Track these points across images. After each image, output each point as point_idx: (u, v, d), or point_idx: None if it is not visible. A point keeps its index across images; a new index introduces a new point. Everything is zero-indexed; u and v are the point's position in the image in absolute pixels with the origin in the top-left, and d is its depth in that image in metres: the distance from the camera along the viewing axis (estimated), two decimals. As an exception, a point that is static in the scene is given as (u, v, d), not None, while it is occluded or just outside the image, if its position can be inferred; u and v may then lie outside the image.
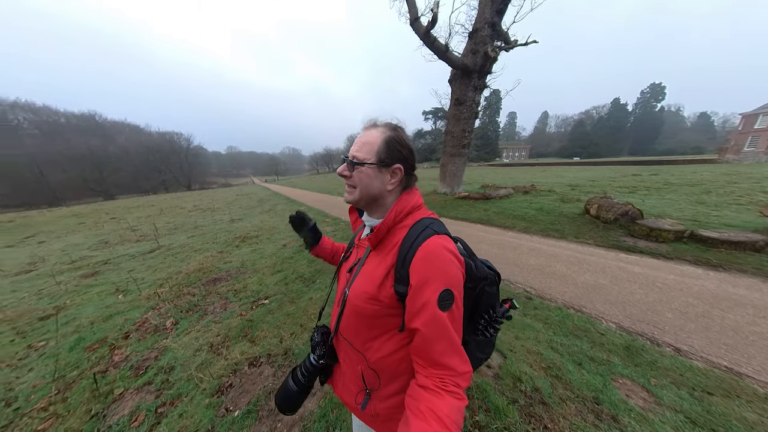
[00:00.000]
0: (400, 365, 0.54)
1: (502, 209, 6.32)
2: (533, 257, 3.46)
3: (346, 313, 0.57)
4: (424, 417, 0.42)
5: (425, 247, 0.48)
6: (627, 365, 1.52)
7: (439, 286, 0.46)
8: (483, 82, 7.70)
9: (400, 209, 0.55)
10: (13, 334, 2.43)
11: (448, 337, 0.46)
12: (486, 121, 62.78)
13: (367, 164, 0.54)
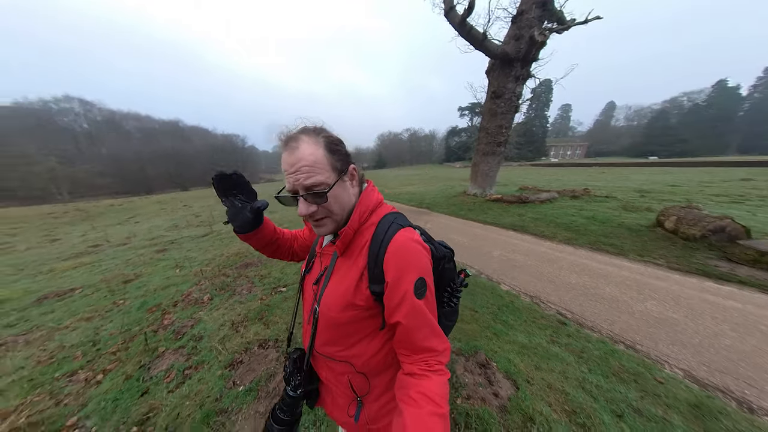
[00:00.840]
0: (386, 359, 0.54)
1: (542, 215, 5.55)
2: (575, 274, 2.92)
3: (321, 327, 0.54)
4: (415, 402, 0.43)
5: (395, 242, 0.48)
6: (692, 428, 1.15)
7: (413, 277, 0.47)
8: (526, 71, 6.85)
9: (363, 210, 0.53)
10: (106, 291, 3.15)
11: (428, 323, 0.48)
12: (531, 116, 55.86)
13: (333, 186, 0.48)
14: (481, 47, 6.68)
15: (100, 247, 5.89)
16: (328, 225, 0.52)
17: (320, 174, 0.47)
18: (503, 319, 2.07)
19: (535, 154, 54.34)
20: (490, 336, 1.83)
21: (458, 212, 6.57)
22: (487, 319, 2.07)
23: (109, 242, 6.34)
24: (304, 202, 0.49)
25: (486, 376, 1.42)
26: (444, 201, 8.28)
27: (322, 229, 0.53)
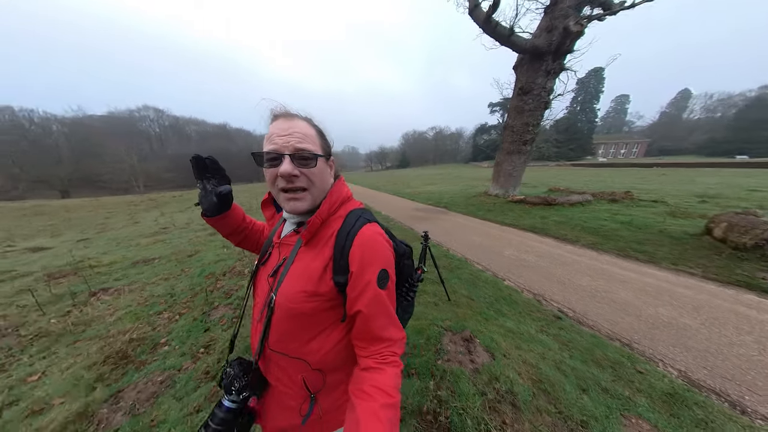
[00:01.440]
0: (344, 353, 0.53)
1: (568, 218, 5.23)
2: (588, 277, 2.84)
3: (276, 321, 0.51)
4: (369, 396, 0.44)
5: (362, 235, 0.50)
6: (656, 410, 1.22)
7: (377, 268, 0.49)
8: (559, 64, 6.41)
9: (333, 201, 0.53)
10: (176, 262, 4.04)
11: (387, 312, 0.50)
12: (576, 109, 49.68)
13: (320, 157, 0.49)
14: (507, 43, 6.46)
15: (168, 229, 7.28)
16: (305, 200, 0.50)
17: (312, 144, 0.48)
18: (497, 308, 2.21)
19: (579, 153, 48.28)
20: (480, 320, 2.01)
21: (476, 212, 6.50)
22: (482, 306, 2.23)
23: (174, 226, 7.78)
24: (289, 162, 0.46)
25: (467, 348, 1.63)
26: (463, 201, 8.20)
27: (297, 203, 0.50)
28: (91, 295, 2.81)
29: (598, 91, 50.39)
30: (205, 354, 1.79)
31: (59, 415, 1.31)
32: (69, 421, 1.28)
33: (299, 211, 0.51)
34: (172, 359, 1.74)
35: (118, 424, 1.28)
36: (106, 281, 3.25)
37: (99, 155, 45.00)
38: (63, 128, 45.00)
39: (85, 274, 3.47)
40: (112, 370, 1.65)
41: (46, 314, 2.43)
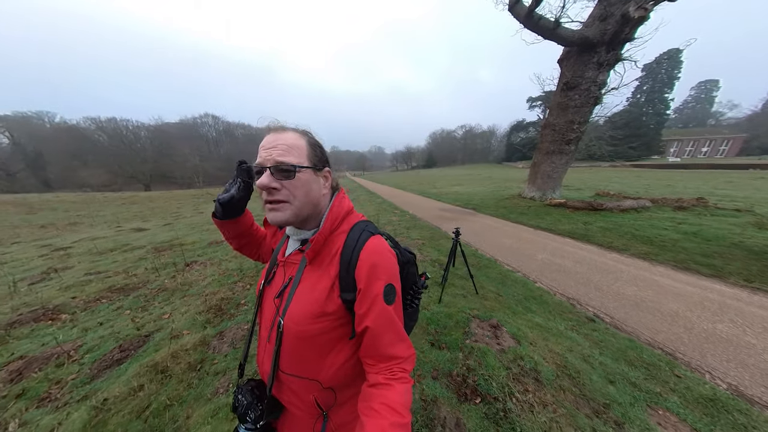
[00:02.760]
0: (354, 369, 0.53)
1: (616, 225, 4.78)
2: (634, 287, 2.68)
3: (286, 344, 0.51)
4: (378, 414, 0.43)
5: (367, 249, 0.49)
6: (688, 408, 1.24)
7: (383, 283, 0.48)
8: (615, 54, 5.79)
9: (335, 216, 0.52)
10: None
11: (394, 327, 0.48)
12: (640, 101, 42.20)
13: (304, 169, 0.48)
14: (552, 36, 6.06)
15: (227, 218, 8.65)
16: (285, 211, 0.48)
17: (295, 157, 0.47)
18: (526, 305, 2.29)
19: (642, 152, 40.88)
20: (507, 313, 2.13)
21: (507, 215, 6.29)
22: (510, 302, 2.34)
23: (231, 216, 9.19)
24: (268, 174, 0.46)
25: (494, 333, 1.80)
26: (493, 203, 7.93)
27: (277, 214, 0.48)
28: (186, 265, 3.67)
29: (673, 77, 41.99)
30: (274, 314, 2.29)
31: (189, 340, 1.90)
32: (196, 345, 1.85)
33: (279, 222, 0.49)
34: (251, 315, 2.28)
35: (225, 352, 1.81)
36: (193, 256, 4.15)
37: (171, 156, 54.31)
38: (148, 134, 55.53)
39: (178, 250, 4.47)
40: (214, 317, 2.24)
41: (160, 276, 3.29)
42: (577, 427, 1.13)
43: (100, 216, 12.68)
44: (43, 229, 10.01)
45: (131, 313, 2.39)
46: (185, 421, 1.29)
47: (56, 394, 1.50)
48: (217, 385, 1.51)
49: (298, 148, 0.48)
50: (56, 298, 2.72)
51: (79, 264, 4.03)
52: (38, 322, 2.28)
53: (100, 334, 2.05)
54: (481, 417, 1.20)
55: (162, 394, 1.43)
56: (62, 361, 1.75)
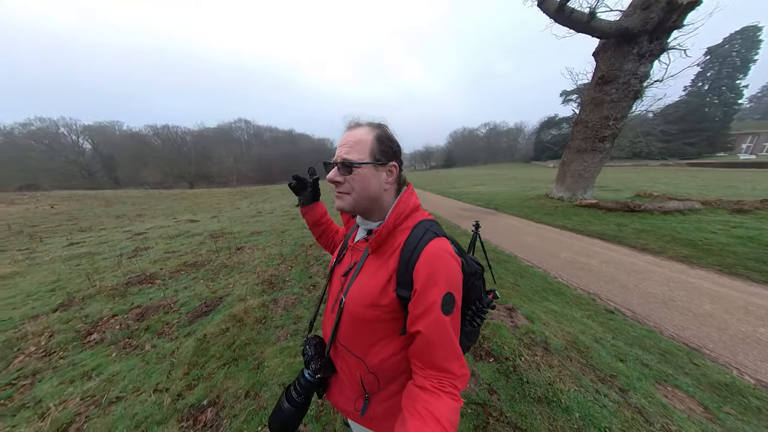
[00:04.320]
0: (399, 366, 0.53)
1: (654, 227, 4.47)
2: (663, 287, 2.62)
3: (344, 320, 0.55)
4: (421, 417, 0.42)
5: (428, 251, 0.48)
6: (699, 389, 1.32)
7: (442, 290, 0.46)
8: (659, 45, 5.35)
9: (400, 211, 0.54)
10: (275, 234, 5.57)
11: (449, 341, 0.47)
12: (702, 89, 36.19)
13: (363, 165, 0.52)
14: (586, 29, 5.79)
15: (261, 213, 9.61)
16: (345, 200, 0.54)
17: (358, 153, 0.52)
18: (543, 295, 2.41)
19: (703, 148, 34.93)
20: (524, 299, 2.29)
21: (531, 215, 6.15)
22: (527, 291, 2.47)
23: (264, 211, 10.17)
24: (334, 170, 0.53)
25: (509, 314, 1.98)
26: (517, 203, 7.73)
27: (340, 202, 0.54)
28: (237, 249, 4.34)
29: (747, 60, 35.10)
30: (314, 289, 2.72)
31: (253, 303, 2.39)
32: (258, 306, 2.33)
33: (340, 208, 0.55)
34: (296, 289, 2.74)
35: (281, 313, 2.25)
36: (240, 242, 4.86)
37: (210, 157, 60.79)
38: (192, 138, 62.90)
39: (229, 237, 5.25)
40: (268, 288, 2.74)
41: (219, 256, 3.97)
42: (581, 386, 1.31)
43: (158, 209, 14.83)
44: (118, 218, 12.06)
45: (205, 282, 3.00)
46: (260, 354, 1.72)
47: (168, 331, 2.06)
48: (279, 334, 1.94)
49: (362, 144, 0.53)
50: (149, 269, 3.48)
51: (156, 245, 4.97)
52: (142, 284, 3.00)
53: (187, 294, 2.66)
54: (494, 371, 1.43)
55: (242, 335, 1.90)
56: (167, 310, 2.36)
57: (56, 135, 53.68)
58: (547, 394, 1.25)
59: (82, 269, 3.68)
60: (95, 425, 1.25)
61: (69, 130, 55.42)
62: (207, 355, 1.72)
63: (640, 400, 1.25)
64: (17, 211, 12.54)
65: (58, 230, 8.63)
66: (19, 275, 3.70)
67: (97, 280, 3.16)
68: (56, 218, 11.28)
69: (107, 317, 2.29)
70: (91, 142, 56.98)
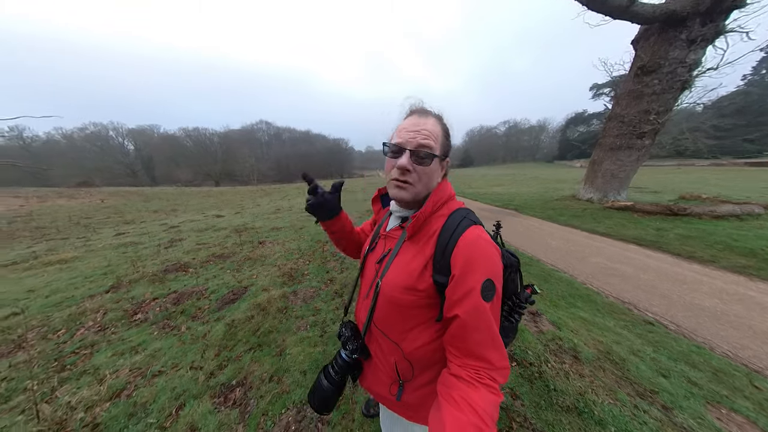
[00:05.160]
0: (434, 355, 0.52)
1: (703, 233, 3.99)
2: (715, 300, 2.33)
3: (380, 304, 0.55)
4: (457, 405, 0.40)
5: (466, 237, 0.47)
6: (762, 413, 1.15)
7: (482, 276, 0.45)
8: (715, 27, 4.73)
9: (437, 199, 0.53)
10: (293, 230, 5.80)
11: (488, 328, 0.44)
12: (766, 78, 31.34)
13: (437, 157, 0.51)
14: (625, 15, 5.29)
15: (280, 210, 10.04)
16: (408, 191, 0.51)
17: (435, 144, 0.51)
18: (570, 301, 2.25)
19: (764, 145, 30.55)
20: (548, 305, 2.16)
21: (556, 217, 5.77)
22: (552, 297, 2.33)
23: (283, 208, 10.62)
24: (408, 157, 0.49)
25: (533, 319, 1.89)
26: (540, 204, 7.30)
27: (402, 192, 0.52)
28: (259, 243, 4.59)
29: None
30: (330, 283, 2.79)
31: (275, 293, 2.51)
32: (279, 297, 2.44)
33: (400, 199, 0.54)
34: (314, 282, 2.83)
35: (300, 305, 2.35)
36: (262, 237, 5.12)
37: (234, 157, 64.80)
38: (219, 139, 67.51)
39: (252, 232, 5.56)
40: (288, 280, 2.87)
41: (243, 249, 4.22)
42: (616, 399, 1.21)
43: (189, 205, 16.10)
44: (156, 213, 13.28)
45: (231, 273, 3.21)
46: (282, 342, 1.81)
47: (200, 315, 2.24)
48: (299, 324, 2.02)
49: (436, 136, 0.51)
50: (182, 258, 3.80)
51: (188, 237, 5.40)
52: (178, 272, 3.29)
53: (216, 283, 2.87)
54: (516, 375, 1.37)
55: (266, 323, 2.00)
56: (199, 296, 2.56)
57: (106, 138, 60.53)
58: (577, 404, 1.17)
59: (127, 256, 4.12)
60: (142, 393, 1.39)
61: (117, 133, 62.25)
62: (235, 339, 1.84)
63: (687, 420, 1.13)
64: (76, 205, 14.34)
65: (108, 222, 9.71)
66: (78, 260, 4.23)
67: (140, 266, 3.51)
68: (106, 211, 12.71)
69: (149, 300, 2.54)
70: (134, 143, 63.46)
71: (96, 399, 1.36)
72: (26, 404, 1.34)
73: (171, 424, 1.22)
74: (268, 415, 1.25)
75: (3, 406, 1.35)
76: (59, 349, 1.83)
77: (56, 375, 1.56)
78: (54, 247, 5.48)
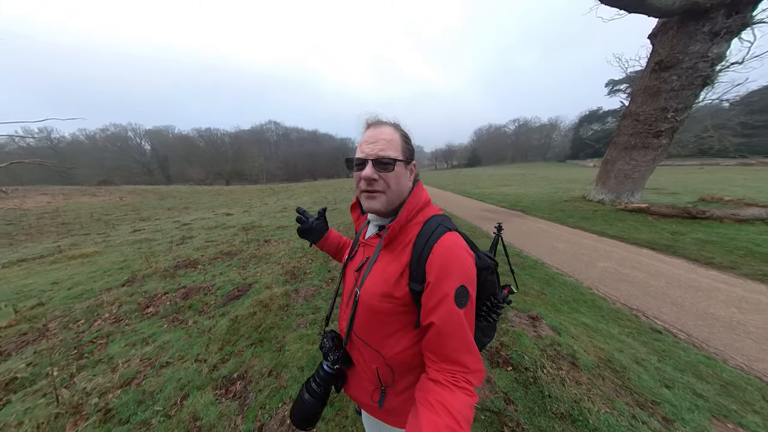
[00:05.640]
0: (414, 360, 0.54)
1: (724, 238, 3.78)
2: (731, 308, 2.21)
3: (359, 312, 0.56)
4: (433, 409, 0.42)
5: (441, 245, 0.49)
6: None
7: (455, 282, 0.46)
8: (741, 18, 4.44)
9: (412, 207, 0.54)
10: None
11: (462, 334, 0.46)
12: None
13: (398, 162, 0.52)
14: (641, 8, 5.05)
15: (287, 209, 10.24)
16: (379, 200, 0.53)
17: (393, 151, 0.52)
18: (574, 306, 2.20)
19: None
20: (550, 309, 2.11)
21: (564, 219, 5.60)
22: (554, 301, 2.28)
23: (289, 207, 10.83)
24: (371, 167, 0.52)
25: (532, 323, 1.85)
26: (547, 205, 7.11)
27: (373, 202, 0.54)
28: (265, 241, 4.71)
29: None
30: (332, 282, 2.84)
31: (277, 291, 2.58)
32: (281, 294, 2.51)
33: (374, 209, 0.55)
34: (315, 281, 2.89)
35: (301, 303, 2.40)
36: (268, 235, 5.25)
37: (244, 157, 66.51)
38: (229, 139, 69.52)
39: (258, 230, 5.71)
40: (291, 278, 2.94)
41: (250, 247, 4.34)
42: (613, 408, 1.18)
43: (200, 203, 16.69)
44: (169, 210, 13.85)
45: (237, 270, 3.32)
46: (282, 338, 1.86)
47: (206, 310, 2.34)
48: (299, 322, 2.08)
49: (395, 142, 0.53)
50: (192, 255, 3.96)
51: (198, 235, 5.62)
52: (187, 268, 3.43)
53: (222, 279, 2.98)
54: (511, 380, 1.36)
55: (267, 320, 2.07)
56: (206, 292, 2.67)
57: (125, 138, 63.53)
58: (571, 412, 1.15)
59: (142, 252, 4.33)
60: (150, 383, 1.48)
61: (134, 133, 65.22)
62: (238, 334, 1.91)
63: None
64: (97, 202, 15.16)
65: (125, 219, 10.22)
66: (98, 254, 4.49)
67: (153, 262, 3.69)
68: (124, 208, 13.38)
69: (160, 294, 2.67)
70: (150, 144, 66.28)
71: (109, 386, 1.45)
72: (47, 388, 1.45)
73: (175, 412, 1.30)
74: (266, 408, 1.30)
75: (28, 389, 1.47)
76: (78, 338, 1.97)
77: (75, 362, 1.68)
78: (77, 242, 5.84)
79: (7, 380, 1.52)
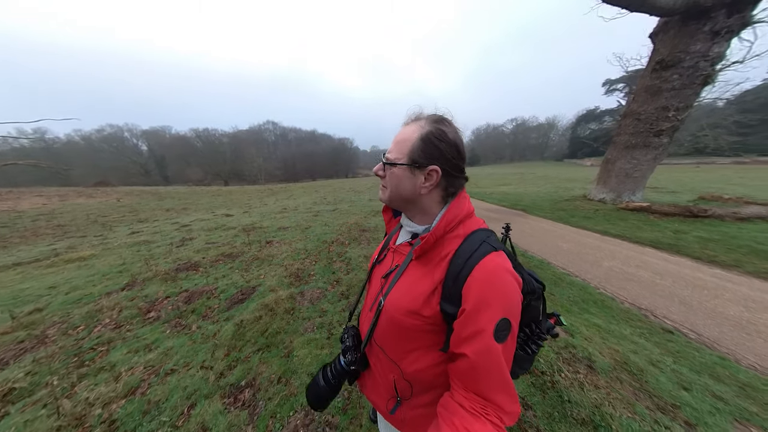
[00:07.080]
0: (436, 379, 0.50)
1: (726, 236, 3.80)
2: (739, 307, 2.20)
3: (381, 322, 0.54)
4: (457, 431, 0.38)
5: (483, 267, 0.43)
6: None
7: (497, 314, 0.41)
8: (742, 18, 4.46)
9: (450, 218, 0.49)
10: (299, 230, 5.86)
11: (499, 371, 0.41)
12: None
13: (398, 165, 0.50)
14: (642, 7, 5.06)
15: (287, 210, 10.17)
16: (384, 193, 0.54)
17: (397, 153, 0.50)
18: (584, 307, 2.18)
19: None
20: (561, 311, 2.09)
21: (567, 219, 5.61)
22: (563, 302, 2.26)
23: (289, 208, 10.75)
24: (380, 163, 0.54)
25: (544, 325, 1.84)
26: (549, 205, 7.12)
27: (381, 193, 0.55)
28: (266, 243, 4.65)
29: None
30: (337, 285, 2.80)
31: (282, 294, 2.54)
32: (286, 297, 2.47)
33: (381, 199, 0.56)
34: (320, 283, 2.84)
35: (307, 306, 2.36)
36: (269, 236, 5.19)
37: (242, 157, 66.13)
38: (228, 140, 69.12)
39: (259, 231, 5.64)
40: (295, 280, 2.89)
41: (252, 248, 4.28)
42: (635, 412, 1.16)
43: (199, 204, 16.54)
44: (168, 211, 13.70)
45: (239, 272, 3.27)
46: (290, 343, 1.82)
47: (210, 314, 2.29)
48: (306, 326, 2.04)
49: (404, 144, 0.50)
50: (193, 258, 3.90)
51: (199, 236, 5.54)
52: (189, 271, 3.37)
53: (225, 282, 2.92)
54: (528, 384, 1.34)
55: (273, 324, 2.03)
56: (209, 296, 2.61)
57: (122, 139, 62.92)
58: (593, 417, 1.13)
59: (141, 255, 4.26)
60: (156, 392, 1.43)
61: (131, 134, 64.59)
62: (244, 339, 1.87)
63: (713, 438, 1.07)
64: (94, 203, 14.96)
65: (123, 220, 10.08)
66: (96, 257, 4.41)
67: (153, 265, 3.62)
68: (121, 210, 13.20)
69: (162, 298, 2.61)
70: (147, 144, 65.68)
71: (112, 395, 1.40)
72: (48, 399, 1.39)
73: (183, 423, 1.25)
74: (277, 417, 1.26)
75: (27, 400, 1.42)
76: (78, 345, 1.91)
77: (76, 371, 1.62)
78: (74, 245, 5.73)
79: (5, 391, 1.46)
